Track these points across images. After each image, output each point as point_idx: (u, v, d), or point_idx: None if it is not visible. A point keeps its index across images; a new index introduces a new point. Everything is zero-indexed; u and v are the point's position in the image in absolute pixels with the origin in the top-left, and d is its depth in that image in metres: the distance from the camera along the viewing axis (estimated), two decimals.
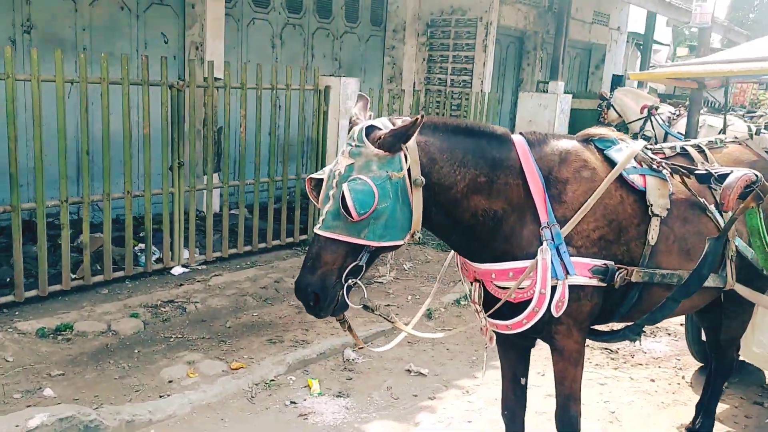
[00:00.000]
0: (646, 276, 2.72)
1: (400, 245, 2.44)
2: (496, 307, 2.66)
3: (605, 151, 2.83)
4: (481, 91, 10.12)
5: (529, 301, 2.60)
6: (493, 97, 9.12)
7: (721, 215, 2.92)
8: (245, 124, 6.20)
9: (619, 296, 2.78)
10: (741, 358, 3.81)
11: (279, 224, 6.70)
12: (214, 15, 7.76)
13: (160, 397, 3.88)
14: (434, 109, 9.05)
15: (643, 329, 3.00)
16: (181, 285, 5.53)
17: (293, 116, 6.65)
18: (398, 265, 6.57)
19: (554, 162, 2.69)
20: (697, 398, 4.23)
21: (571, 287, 2.59)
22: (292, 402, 4.01)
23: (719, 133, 8.93)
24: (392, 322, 2.75)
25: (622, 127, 10.27)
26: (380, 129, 2.36)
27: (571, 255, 2.59)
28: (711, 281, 2.88)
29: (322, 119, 6.92)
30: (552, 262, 2.55)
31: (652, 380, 4.64)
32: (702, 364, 4.80)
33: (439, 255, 7.01)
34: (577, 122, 10.38)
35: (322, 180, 2.42)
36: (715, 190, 2.87)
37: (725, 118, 5.71)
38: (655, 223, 2.75)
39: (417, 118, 2.25)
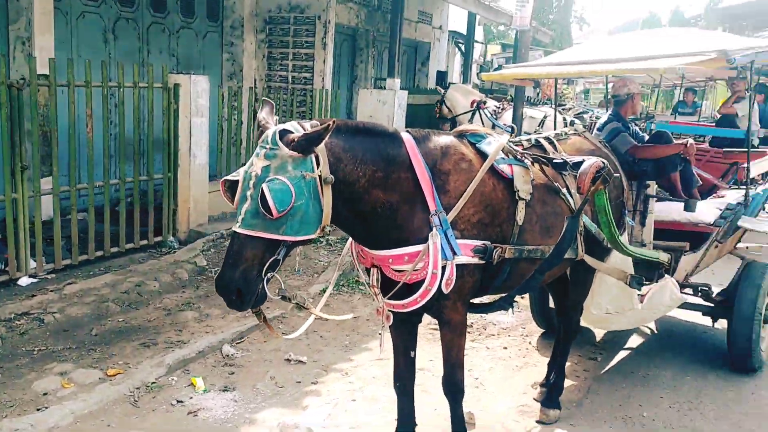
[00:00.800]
0: (516, 252, 3.13)
1: (313, 238, 2.64)
2: (396, 288, 2.93)
3: (477, 145, 3.20)
4: (323, 87, 10.38)
5: (422, 281, 2.90)
6: (339, 94, 9.43)
7: (572, 197, 3.42)
8: (92, 123, 5.96)
9: (494, 272, 3.16)
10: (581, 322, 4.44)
11: (132, 227, 6.50)
12: (41, 8, 7.28)
13: (38, 410, 3.72)
14: (280, 106, 9.15)
15: (514, 300, 3.43)
16: (33, 296, 5.21)
17: (142, 116, 6.47)
18: None
19: (437, 156, 3.01)
20: (543, 360, 4.83)
21: (457, 266, 2.93)
22: (178, 401, 4.01)
23: (539, 123, 9.97)
24: (307, 308, 2.92)
25: (452, 120, 11.05)
26: (292, 132, 2.53)
27: (456, 238, 2.92)
28: (567, 253, 3.37)
29: (173, 118, 6.79)
30: (441, 245, 2.87)
31: (505, 348, 5.18)
32: (544, 330, 5.44)
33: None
34: (411, 116, 11.00)
35: (236, 181, 2.55)
36: (567, 175, 3.37)
37: (555, 112, 6.44)
38: (521, 206, 3.17)
39: (329, 123, 2.45)
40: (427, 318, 5.06)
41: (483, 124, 10.21)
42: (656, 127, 7.07)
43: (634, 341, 5.39)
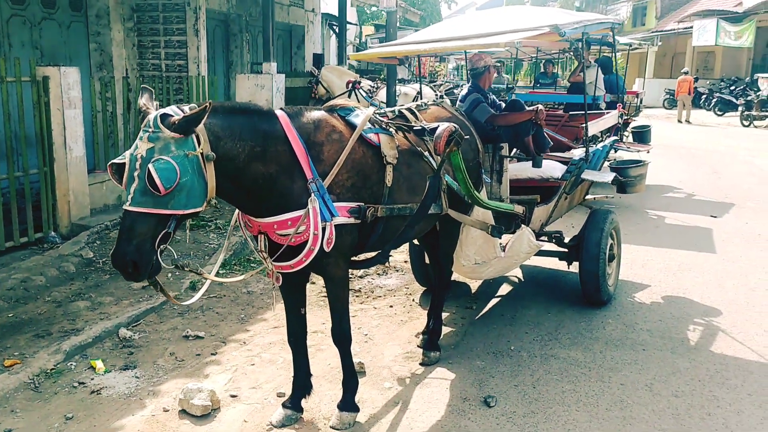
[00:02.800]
0: (387, 211, 3.53)
1: (200, 211, 2.91)
2: (280, 251, 3.25)
3: (346, 117, 3.57)
4: (199, 74, 10.39)
5: (305, 243, 3.24)
6: (215, 80, 9.50)
7: (433, 159, 3.86)
8: None
9: (369, 230, 3.55)
10: (454, 275, 4.94)
11: (11, 225, 6.39)
12: None
13: None
14: (156, 95, 9.11)
15: (390, 254, 3.84)
16: None
17: (12, 111, 6.35)
18: None
19: (310, 129, 3.35)
20: (424, 314, 5.31)
21: (336, 227, 3.29)
22: (80, 383, 4.15)
23: (414, 99, 10.49)
24: (200, 274, 3.18)
25: (328, 100, 11.40)
26: (172, 116, 2.78)
27: (333, 201, 3.28)
28: (433, 209, 3.81)
29: (44, 111, 6.70)
30: (320, 209, 3.21)
31: (391, 306, 5.62)
32: (425, 288, 5.93)
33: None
34: (290, 100, 11.21)
35: (123, 164, 2.77)
36: (428, 140, 3.80)
37: (420, 87, 6.92)
38: (389, 169, 3.57)
39: (206, 105, 2.73)
40: (317, 286, 5.45)
41: (359, 102, 10.61)
42: (515, 97, 7.74)
43: (504, 290, 5.99)
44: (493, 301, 5.71)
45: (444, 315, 5.14)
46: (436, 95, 10.18)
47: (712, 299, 5.62)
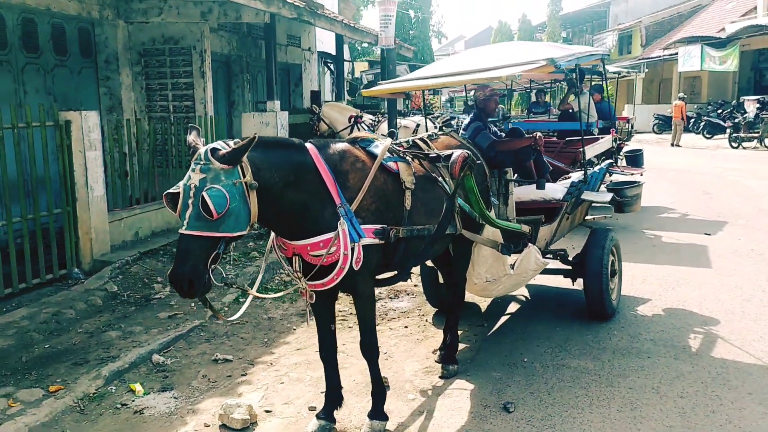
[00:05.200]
0: (407, 232, 3.86)
1: (245, 234, 3.23)
2: (314, 271, 3.56)
3: (367, 148, 3.92)
4: (205, 114, 10.79)
5: (336, 263, 3.56)
6: (221, 120, 9.89)
7: (446, 183, 4.20)
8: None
9: (392, 250, 3.87)
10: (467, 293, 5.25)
11: (37, 263, 6.68)
12: None
13: None
14: (163, 135, 9.51)
15: (411, 272, 4.16)
16: None
17: (32, 153, 6.67)
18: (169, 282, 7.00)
19: (336, 160, 3.70)
20: (439, 332, 5.60)
21: (363, 247, 3.61)
22: (123, 405, 4.42)
23: (414, 132, 10.89)
24: (246, 290, 3.49)
25: (332, 136, 11.79)
26: (220, 149, 3.12)
27: (359, 224, 3.61)
28: (448, 229, 4.14)
29: (67, 153, 7.04)
30: (349, 231, 3.54)
31: (406, 326, 5.90)
32: (437, 309, 6.22)
33: None
34: (292, 136, 11.59)
35: (177, 194, 3.10)
36: (441, 166, 4.15)
37: (425, 121, 7.33)
38: (407, 194, 3.91)
39: (252, 139, 3.07)
40: (337, 308, 5.72)
41: None
42: (512, 125, 8.14)
43: (512, 308, 6.29)
44: (503, 319, 6.00)
45: (458, 332, 5.43)
46: (435, 127, 10.60)
47: (710, 310, 5.92)
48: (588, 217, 6.58)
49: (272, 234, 3.73)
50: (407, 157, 4.04)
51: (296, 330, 5.87)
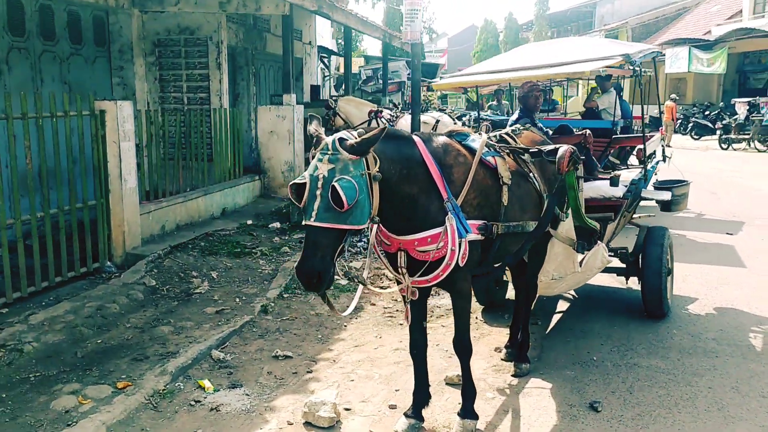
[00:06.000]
0: (505, 228, 3.80)
1: (366, 227, 3.15)
2: (425, 266, 3.49)
3: (463, 142, 3.85)
4: (221, 106, 10.62)
5: (441, 259, 3.49)
6: (240, 113, 9.75)
7: (536, 180, 4.15)
8: (30, 155, 5.97)
9: (488, 246, 3.81)
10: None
11: (72, 255, 6.50)
12: None
13: (68, 425, 3.88)
14: (177, 126, 9.32)
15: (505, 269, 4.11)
16: (1, 329, 5.20)
17: (69, 143, 6.48)
18: (206, 276, 6.88)
19: (441, 153, 3.63)
20: (494, 329, 5.59)
21: (468, 242, 3.55)
22: (196, 401, 4.30)
23: (433, 128, 10.82)
24: (365, 285, 3.42)
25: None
26: (347, 139, 3.04)
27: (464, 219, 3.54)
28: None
29: (101, 144, 6.86)
30: (456, 226, 3.47)
31: None
32: (484, 306, 6.17)
33: (234, 261, 7.44)
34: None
35: (302, 184, 3.01)
36: (535, 162, 4.10)
37: (479, 115, 7.30)
38: (505, 189, 3.85)
39: (382, 130, 3.00)
40: (381, 305, 5.69)
41: None
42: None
43: (562, 306, 6.27)
44: (556, 317, 5.97)
45: (503, 327, 5.43)
46: (454, 122, 10.60)
47: (760, 309, 5.96)
48: (634, 216, 6.59)
49: (374, 229, 3.65)
50: (503, 153, 3.99)
51: (347, 326, 5.79)
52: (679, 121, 28.59)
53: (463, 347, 3.85)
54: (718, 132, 23.86)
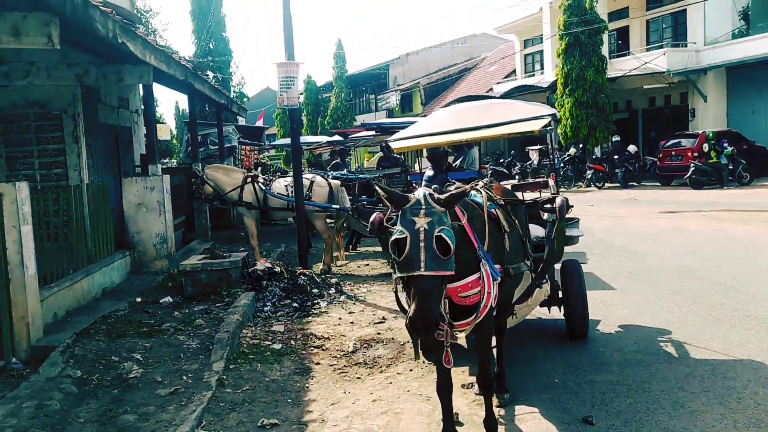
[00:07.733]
0: (512, 270, 4.28)
1: None
2: (480, 312, 3.84)
3: (469, 197, 4.30)
4: (81, 181, 10.00)
5: (477, 303, 3.86)
6: (105, 188, 9.30)
7: (516, 227, 4.70)
8: None
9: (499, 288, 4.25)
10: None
11: None
12: None
13: None
14: (59, 205, 8.67)
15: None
16: None
17: None
18: (130, 359, 6.48)
19: (462, 206, 4.03)
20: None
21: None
22: None
23: (309, 188, 11.06)
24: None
25: (218, 197, 11.54)
26: (435, 195, 3.37)
27: None
28: (524, 266, 4.63)
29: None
30: (490, 271, 3.88)
31: (411, 370, 6.11)
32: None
33: (149, 341, 7.06)
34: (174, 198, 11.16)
35: (402, 239, 3.27)
36: (516, 211, 4.67)
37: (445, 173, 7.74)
38: (506, 236, 4.34)
39: (468, 188, 3.37)
40: (326, 363, 5.88)
41: (257, 196, 11.00)
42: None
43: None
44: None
45: (463, 368, 5.87)
46: (328, 183, 11.04)
47: (653, 322, 7.00)
48: None
49: (395, 275, 3.89)
50: (499, 203, 4.50)
51: (309, 387, 5.83)
52: None
53: (489, 383, 4.22)
54: (516, 178, 26.74)
